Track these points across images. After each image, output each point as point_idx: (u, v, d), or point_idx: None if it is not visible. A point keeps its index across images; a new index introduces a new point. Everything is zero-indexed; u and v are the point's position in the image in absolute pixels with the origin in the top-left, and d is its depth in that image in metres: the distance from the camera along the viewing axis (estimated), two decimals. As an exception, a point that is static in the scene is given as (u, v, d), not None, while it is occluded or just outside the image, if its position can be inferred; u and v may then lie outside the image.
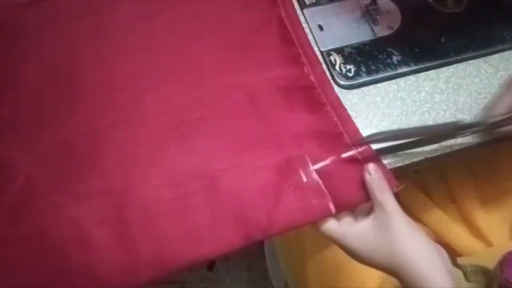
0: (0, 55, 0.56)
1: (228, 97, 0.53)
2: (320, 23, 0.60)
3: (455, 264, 0.46)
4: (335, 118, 0.52)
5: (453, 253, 0.62)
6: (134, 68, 0.55)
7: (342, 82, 0.56)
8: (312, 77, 0.55)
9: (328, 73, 0.57)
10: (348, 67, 0.57)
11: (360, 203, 0.48)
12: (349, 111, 0.54)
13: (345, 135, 0.51)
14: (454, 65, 0.59)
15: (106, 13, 0.58)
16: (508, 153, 0.64)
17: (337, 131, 0.52)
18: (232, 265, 1.20)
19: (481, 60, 0.59)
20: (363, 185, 0.47)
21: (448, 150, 0.53)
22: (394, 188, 0.47)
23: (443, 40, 0.60)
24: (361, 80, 0.57)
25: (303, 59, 0.56)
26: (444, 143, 0.53)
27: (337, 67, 0.57)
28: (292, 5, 0.60)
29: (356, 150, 0.50)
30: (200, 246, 0.46)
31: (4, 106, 0.53)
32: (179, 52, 0.56)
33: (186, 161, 0.50)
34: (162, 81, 0.54)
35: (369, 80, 0.57)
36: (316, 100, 0.54)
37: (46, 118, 0.52)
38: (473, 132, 0.51)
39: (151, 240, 0.46)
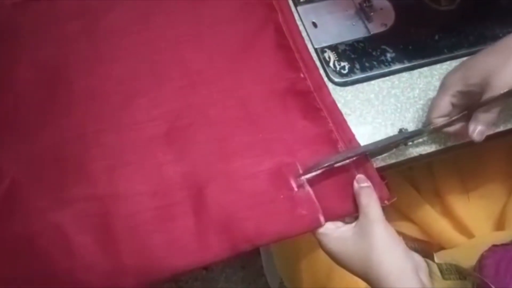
0: None
1: (220, 103, 0.53)
2: (314, 20, 0.61)
3: (432, 260, 0.47)
4: (331, 124, 0.51)
5: (437, 247, 0.62)
6: (127, 72, 0.54)
7: (336, 79, 0.56)
8: (308, 82, 0.54)
9: (322, 70, 0.57)
10: (342, 64, 0.57)
11: (351, 214, 0.47)
12: (343, 108, 0.54)
13: (340, 143, 0.50)
14: (448, 62, 0.59)
15: (101, 16, 0.57)
16: (495, 149, 0.65)
17: (332, 138, 0.51)
18: (227, 263, 1.20)
19: (474, 57, 0.59)
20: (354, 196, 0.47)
21: (442, 146, 0.54)
22: (386, 202, 0.47)
23: (436, 37, 0.60)
24: (355, 77, 0.57)
25: (300, 64, 0.55)
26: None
27: (331, 64, 0.57)
28: (290, 10, 0.60)
29: (350, 160, 0.49)
30: (185, 256, 0.45)
31: None
32: (173, 57, 0.55)
33: (174, 169, 0.49)
34: (154, 86, 0.53)
35: (363, 77, 0.57)
36: (311, 105, 0.53)
37: (35, 120, 0.51)
38: (419, 138, 0.52)
39: (135, 248, 0.45)
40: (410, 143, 0.52)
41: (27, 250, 0.45)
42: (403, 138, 0.51)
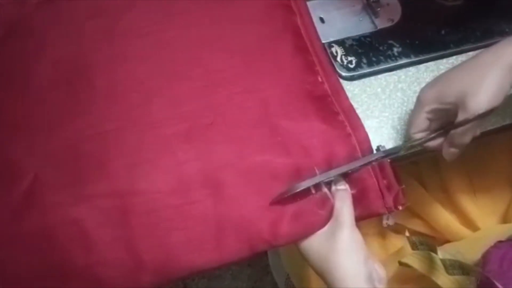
0: (13, 53, 0.56)
1: (240, 104, 0.53)
2: (321, 16, 0.61)
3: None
4: (348, 128, 0.52)
5: (443, 241, 0.63)
6: (145, 72, 0.54)
7: (343, 74, 0.57)
8: (326, 86, 0.54)
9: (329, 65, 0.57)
10: (350, 58, 0.58)
11: (364, 217, 0.48)
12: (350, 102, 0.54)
13: (357, 147, 0.51)
14: (454, 57, 0.59)
15: (120, 15, 0.58)
16: (501, 145, 0.65)
17: (349, 141, 0.51)
18: (234, 261, 1.20)
19: (480, 52, 0.60)
20: (371, 198, 0.48)
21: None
22: (400, 207, 0.48)
23: (443, 32, 0.61)
24: (362, 71, 0.57)
25: (317, 67, 0.56)
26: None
27: (338, 58, 0.58)
28: (308, 13, 0.60)
29: (368, 163, 0.49)
30: (204, 254, 0.46)
31: (14, 104, 0.53)
32: (192, 57, 0.55)
33: (193, 168, 0.49)
34: (173, 85, 0.54)
35: (370, 72, 0.58)
36: (329, 109, 0.53)
37: (56, 118, 0.52)
38: (397, 154, 0.51)
39: (154, 245, 0.46)
40: (388, 160, 0.51)
41: (47, 245, 0.46)
42: (381, 157, 0.50)
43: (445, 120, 0.48)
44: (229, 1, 0.59)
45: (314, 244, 0.46)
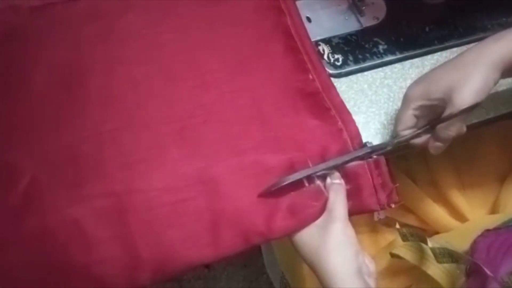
0: (9, 57, 0.56)
1: (232, 102, 0.54)
2: (308, 15, 0.62)
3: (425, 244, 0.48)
4: (340, 123, 0.53)
5: (433, 233, 0.64)
6: (141, 73, 0.55)
7: (330, 71, 0.58)
8: (317, 83, 0.56)
9: (316, 63, 0.58)
10: (336, 56, 0.59)
11: (356, 212, 0.49)
12: (338, 99, 0.55)
13: (349, 141, 0.52)
14: (438, 53, 0.61)
15: (115, 19, 0.58)
16: (489, 139, 0.66)
17: (342, 137, 0.52)
18: (229, 262, 1.20)
19: (464, 47, 0.61)
20: (364, 194, 0.49)
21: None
22: (392, 205, 0.49)
23: (427, 29, 0.62)
24: (348, 68, 0.59)
25: (308, 65, 0.57)
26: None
27: (325, 56, 0.59)
28: (298, 13, 0.61)
29: (355, 158, 0.50)
30: (201, 249, 0.47)
31: (12, 107, 0.53)
32: (186, 59, 0.56)
33: (188, 165, 0.50)
34: (167, 86, 0.55)
35: (356, 69, 0.59)
36: (321, 105, 0.54)
37: (52, 120, 0.52)
38: (384, 151, 0.52)
39: (152, 242, 0.47)
40: (375, 156, 0.51)
41: (47, 246, 0.46)
42: (367, 153, 0.51)
43: (432, 117, 0.49)
44: (222, 5, 0.60)
45: (307, 236, 0.47)
